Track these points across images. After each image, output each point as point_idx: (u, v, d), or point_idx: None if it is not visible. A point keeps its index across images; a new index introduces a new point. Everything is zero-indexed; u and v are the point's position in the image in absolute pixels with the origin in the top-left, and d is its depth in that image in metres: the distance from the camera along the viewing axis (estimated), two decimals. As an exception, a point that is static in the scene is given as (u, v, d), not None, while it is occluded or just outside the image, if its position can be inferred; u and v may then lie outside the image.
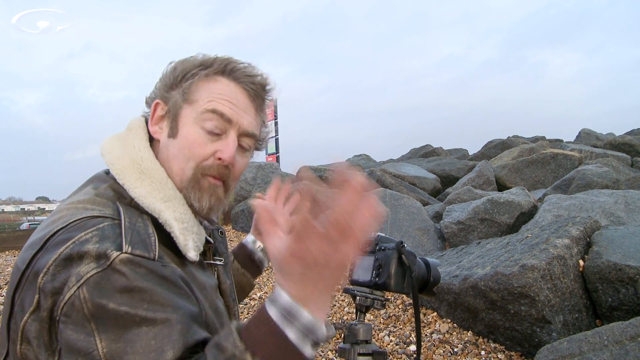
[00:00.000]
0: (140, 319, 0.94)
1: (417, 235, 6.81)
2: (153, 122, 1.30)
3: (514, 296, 3.45)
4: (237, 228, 9.62)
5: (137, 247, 1.01)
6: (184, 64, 1.29)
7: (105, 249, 0.98)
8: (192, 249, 1.19)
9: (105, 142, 1.27)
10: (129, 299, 0.95)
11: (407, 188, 9.97)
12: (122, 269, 0.97)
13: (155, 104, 1.30)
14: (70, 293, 0.94)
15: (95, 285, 0.94)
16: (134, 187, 1.17)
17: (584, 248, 3.86)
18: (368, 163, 16.85)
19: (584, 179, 7.89)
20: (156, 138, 1.30)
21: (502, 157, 13.26)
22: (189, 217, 1.21)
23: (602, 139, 16.08)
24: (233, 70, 1.28)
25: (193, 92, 1.25)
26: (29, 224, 40.52)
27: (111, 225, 1.04)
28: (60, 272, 0.97)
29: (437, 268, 1.56)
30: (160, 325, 0.95)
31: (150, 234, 1.08)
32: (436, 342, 3.85)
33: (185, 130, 1.24)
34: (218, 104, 1.24)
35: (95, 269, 0.96)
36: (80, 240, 0.99)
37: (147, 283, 0.98)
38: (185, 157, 1.23)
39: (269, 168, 13.11)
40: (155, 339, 0.94)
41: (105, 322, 0.93)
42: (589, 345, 2.77)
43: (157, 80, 1.33)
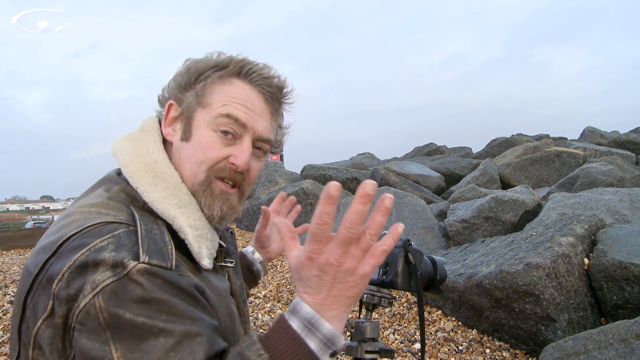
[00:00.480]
0: (158, 330, 0.93)
1: (422, 234, 6.81)
2: (166, 123, 1.27)
3: (519, 294, 3.45)
4: (241, 227, 9.63)
5: (154, 257, 0.99)
6: (198, 64, 1.26)
7: (122, 257, 0.96)
8: (205, 256, 1.17)
9: (118, 142, 1.24)
10: (146, 309, 0.94)
11: (411, 186, 9.98)
12: (139, 279, 0.95)
13: (169, 105, 1.27)
14: (85, 301, 0.93)
15: (112, 294, 0.93)
16: (148, 192, 1.14)
17: (589, 246, 3.85)
18: (372, 161, 16.85)
19: (589, 177, 7.87)
20: (169, 140, 1.27)
21: (506, 155, 13.24)
22: (203, 224, 1.19)
23: (607, 137, 16.03)
24: (249, 73, 1.25)
25: (207, 95, 1.22)
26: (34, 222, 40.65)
27: (127, 232, 1.02)
28: (75, 279, 0.95)
29: (443, 266, 1.56)
30: (178, 337, 0.94)
31: (167, 242, 1.06)
32: (441, 340, 3.85)
33: (199, 134, 1.21)
34: (233, 109, 1.21)
35: (112, 277, 0.94)
36: (96, 248, 0.97)
37: (164, 294, 0.96)
38: (197, 161, 1.21)
39: (273, 166, 13.13)
40: (174, 351, 0.93)
41: (121, 332, 0.92)
42: (595, 343, 2.77)
43: (171, 79, 1.30)
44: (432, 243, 6.63)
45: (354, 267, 0.91)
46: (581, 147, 12.55)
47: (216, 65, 1.25)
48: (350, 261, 0.91)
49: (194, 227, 1.16)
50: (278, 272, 6.15)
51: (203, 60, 1.27)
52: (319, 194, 8.82)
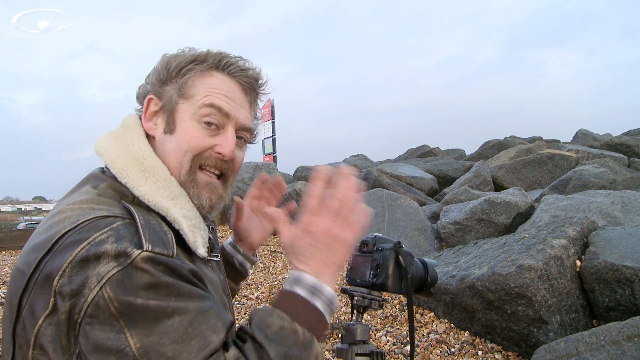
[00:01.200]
0: (172, 310, 0.96)
1: (414, 236, 6.81)
2: (147, 117, 1.29)
3: (511, 296, 3.45)
4: (230, 224, 9.63)
5: (157, 245, 1.01)
6: (178, 58, 1.28)
7: (125, 248, 0.97)
8: (201, 245, 1.20)
9: (102, 140, 1.25)
10: (155, 294, 0.96)
11: (404, 188, 9.98)
12: (144, 267, 0.97)
13: (148, 99, 1.29)
14: (93, 294, 0.93)
15: (119, 283, 0.94)
16: (139, 186, 1.16)
17: (581, 248, 3.86)
18: (365, 163, 16.87)
19: (581, 179, 7.90)
20: (151, 135, 1.29)
21: (499, 157, 13.28)
22: (195, 214, 1.22)
23: (599, 140, 16.12)
24: (227, 65, 1.29)
25: (189, 87, 1.25)
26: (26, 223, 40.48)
27: (124, 224, 1.04)
28: (77, 274, 0.96)
29: (434, 268, 1.56)
30: (193, 313, 0.98)
31: (166, 231, 1.08)
32: (433, 342, 3.85)
33: (184, 126, 1.24)
34: (215, 99, 1.25)
35: (116, 267, 0.95)
36: (96, 241, 0.98)
37: (170, 278, 0.99)
38: (182, 151, 1.24)
39: (266, 168, 13.11)
40: (192, 327, 0.97)
41: (135, 318, 0.93)
42: (586, 345, 2.77)
43: (148, 75, 1.32)
44: (425, 245, 6.63)
45: (339, 235, 1.11)
46: (574, 150, 12.61)
47: (195, 59, 1.27)
48: (336, 229, 1.11)
49: (188, 218, 1.18)
50: (270, 274, 6.14)
51: (181, 54, 1.30)
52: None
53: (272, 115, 18.74)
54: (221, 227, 10.16)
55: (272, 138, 18.67)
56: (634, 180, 9.09)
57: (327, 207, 1.12)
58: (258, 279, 5.92)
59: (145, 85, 1.32)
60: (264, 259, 6.81)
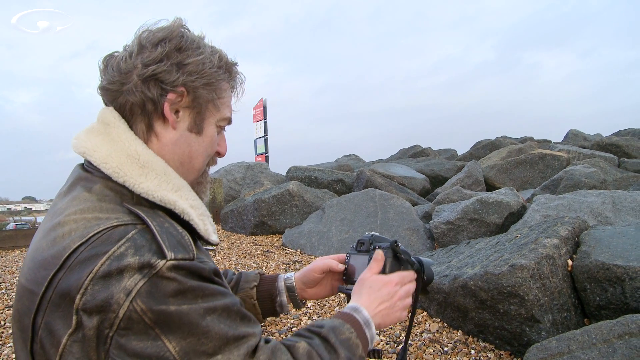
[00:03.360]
0: (203, 310, 0.99)
1: (407, 235, 6.83)
2: (171, 107, 1.19)
3: (504, 295, 3.47)
4: (226, 228, 9.59)
5: (178, 252, 1.01)
6: (212, 57, 1.23)
7: (148, 259, 0.97)
8: (212, 232, 1.22)
9: (83, 140, 1.18)
10: (184, 299, 0.97)
11: (396, 188, 10.00)
12: (170, 275, 0.97)
13: (180, 90, 1.18)
14: (124, 309, 0.93)
15: (148, 294, 0.94)
16: (140, 183, 1.12)
17: (573, 248, 3.89)
18: (357, 163, 16.88)
19: (572, 179, 7.95)
20: (173, 126, 1.21)
21: (490, 157, 13.34)
22: (200, 203, 1.23)
23: (590, 140, 16.22)
24: (233, 77, 1.32)
25: (220, 94, 1.26)
26: (16, 224, 40.17)
27: (139, 232, 1.02)
28: (100, 290, 0.94)
29: (430, 267, 1.57)
30: (220, 311, 1.02)
31: (181, 232, 1.08)
32: (426, 342, 3.86)
33: (210, 131, 1.26)
34: (230, 111, 1.31)
35: (142, 279, 0.95)
36: (116, 255, 0.97)
37: (194, 282, 1.00)
38: (207, 155, 1.28)
39: (258, 168, 13.10)
40: (222, 322, 1.01)
41: (170, 324, 0.95)
42: (578, 343, 2.80)
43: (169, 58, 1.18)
44: (417, 245, 6.65)
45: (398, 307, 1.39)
46: (565, 150, 12.69)
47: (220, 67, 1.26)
48: (400, 302, 1.40)
49: (195, 207, 1.19)
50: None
51: (209, 54, 1.23)
52: (304, 195, 8.81)
53: (264, 116, 18.74)
54: (213, 227, 10.14)
55: (265, 138, 18.66)
56: (624, 180, 9.16)
57: (403, 283, 1.43)
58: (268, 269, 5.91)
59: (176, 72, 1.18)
60: (256, 259, 6.80)
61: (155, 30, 1.21)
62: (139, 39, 1.20)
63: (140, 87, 1.16)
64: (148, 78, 1.16)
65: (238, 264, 6.57)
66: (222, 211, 9.91)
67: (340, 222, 7.50)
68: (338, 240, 7.10)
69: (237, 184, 12.23)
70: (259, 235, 8.72)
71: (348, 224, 7.41)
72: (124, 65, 1.17)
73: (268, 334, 4.14)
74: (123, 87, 1.17)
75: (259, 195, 9.06)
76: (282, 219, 8.62)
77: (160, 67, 1.16)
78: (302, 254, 7.08)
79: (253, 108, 19.36)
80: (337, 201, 8.09)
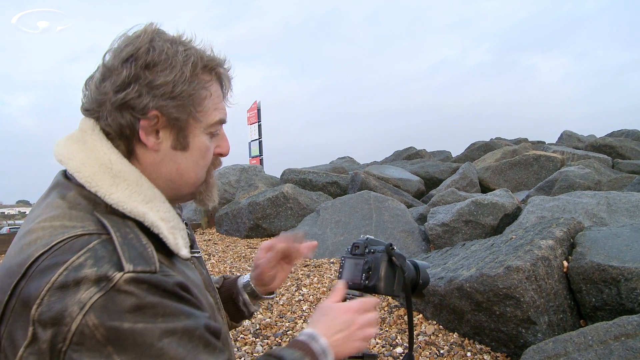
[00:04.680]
0: (160, 332, 0.93)
1: (402, 238, 6.83)
2: (147, 132, 1.15)
3: (500, 297, 3.46)
4: (221, 231, 9.57)
5: (138, 264, 0.97)
6: (184, 69, 1.15)
7: (105, 271, 0.93)
8: (183, 246, 1.15)
9: (61, 147, 1.16)
10: (142, 316, 0.93)
11: (391, 190, 10.01)
12: (128, 289, 0.93)
13: (153, 114, 1.13)
14: (76, 323, 0.89)
15: (102, 309, 0.91)
16: (110, 193, 1.09)
17: (568, 249, 3.89)
18: (352, 165, 16.89)
19: (567, 180, 7.98)
20: (153, 149, 1.17)
21: (485, 159, 13.37)
22: (172, 215, 1.17)
23: (584, 141, 16.29)
24: (213, 68, 1.23)
25: (198, 109, 1.18)
26: (9, 227, 39.99)
27: (101, 243, 0.99)
28: (56, 302, 0.91)
29: (426, 270, 1.56)
30: (180, 334, 0.96)
31: (145, 244, 1.04)
32: (422, 344, 3.85)
33: (197, 141, 1.20)
34: (221, 113, 1.24)
35: (97, 293, 0.91)
36: (74, 265, 0.94)
37: (155, 298, 0.95)
38: (201, 167, 1.23)
39: (253, 170, 13.09)
40: (181, 347, 0.95)
41: (123, 343, 0.91)
42: (574, 345, 2.79)
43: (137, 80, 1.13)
44: (413, 247, 6.65)
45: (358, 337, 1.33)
46: (559, 151, 12.74)
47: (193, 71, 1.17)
48: (360, 332, 1.33)
49: (166, 220, 1.13)
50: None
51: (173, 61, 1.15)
52: (299, 197, 8.80)
53: (258, 118, 18.73)
54: (208, 230, 10.12)
55: (259, 141, 18.66)
56: (619, 180, 9.19)
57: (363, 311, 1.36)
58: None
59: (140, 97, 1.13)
60: (251, 262, 6.78)
61: (123, 46, 1.15)
62: (103, 62, 1.16)
63: (114, 114, 1.13)
64: (119, 106, 1.13)
65: (233, 267, 6.55)
66: (216, 214, 9.89)
67: (335, 225, 7.49)
68: (333, 242, 7.09)
69: (232, 186, 12.21)
70: (254, 238, 8.70)
71: (343, 227, 7.40)
72: (96, 92, 1.15)
73: (263, 337, 4.12)
74: (99, 113, 1.15)
75: (253, 198, 9.05)
76: (276, 221, 8.61)
77: (129, 93, 1.11)
78: (297, 256, 7.06)
79: (247, 111, 19.34)
80: (331, 204, 8.08)
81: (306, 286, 5.47)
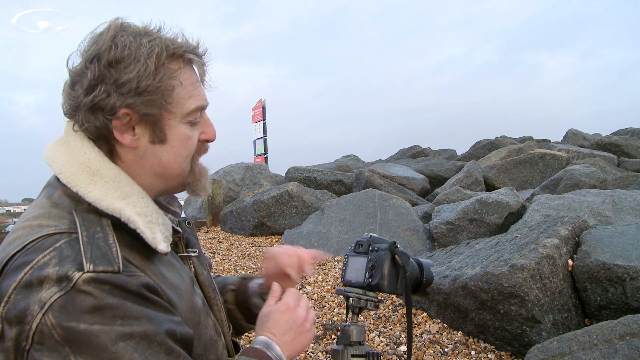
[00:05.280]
0: (116, 335, 0.93)
1: (406, 236, 6.82)
2: (121, 131, 1.15)
3: (504, 296, 3.46)
4: (226, 229, 9.58)
5: (99, 263, 0.97)
6: (148, 62, 1.12)
7: (66, 270, 0.94)
8: (161, 241, 1.14)
9: (49, 150, 1.18)
10: (100, 317, 0.93)
11: (395, 189, 10.00)
12: (87, 289, 0.93)
13: (123, 113, 1.13)
14: (36, 322, 0.90)
15: (61, 309, 0.91)
16: (88, 192, 1.10)
17: (573, 248, 3.88)
18: (356, 164, 16.88)
19: (572, 178, 7.95)
20: (131, 146, 1.17)
21: (490, 157, 13.34)
22: (151, 210, 1.16)
23: (589, 139, 16.23)
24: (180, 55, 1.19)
25: (168, 95, 1.15)
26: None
27: (68, 242, 1.00)
28: (21, 300, 0.93)
29: (429, 269, 1.55)
30: (138, 339, 0.95)
31: (111, 244, 1.03)
32: (426, 343, 3.85)
33: (176, 133, 1.18)
34: (197, 100, 1.20)
35: (58, 292, 0.92)
36: (39, 264, 0.95)
37: (116, 299, 0.95)
38: (183, 157, 1.20)
39: (257, 169, 13.09)
40: (137, 352, 0.94)
41: (80, 345, 0.91)
42: (579, 344, 2.78)
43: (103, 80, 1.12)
44: (417, 245, 6.64)
45: (308, 330, 1.36)
46: (564, 149, 12.70)
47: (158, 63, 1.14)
48: (308, 315, 1.38)
49: (142, 215, 1.13)
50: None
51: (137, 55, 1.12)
52: (303, 196, 8.80)
53: (263, 117, 18.73)
54: (213, 228, 10.13)
55: (264, 139, 18.65)
56: (624, 179, 9.16)
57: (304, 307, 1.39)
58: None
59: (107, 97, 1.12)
60: (256, 260, 6.79)
61: (88, 46, 1.14)
62: (70, 65, 1.16)
63: (88, 117, 1.13)
64: (90, 109, 1.12)
65: (237, 265, 6.56)
66: (221, 212, 9.90)
67: (340, 223, 7.49)
68: (337, 241, 7.09)
69: (236, 184, 12.21)
70: (259, 236, 8.71)
71: (347, 225, 7.40)
72: (70, 97, 1.15)
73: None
74: (76, 117, 1.15)
75: (258, 196, 9.05)
76: (281, 219, 8.61)
77: (97, 95, 1.10)
78: (301, 255, 7.06)
79: (252, 109, 19.34)
80: (336, 202, 8.08)
81: (310, 284, 5.48)
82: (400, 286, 1.44)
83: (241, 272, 6.28)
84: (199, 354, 1.19)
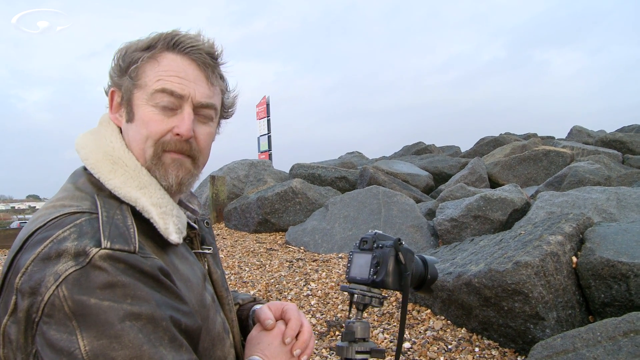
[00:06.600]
0: (124, 314, 0.94)
1: (411, 233, 6.82)
2: (113, 110, 1.30)
3: (508, 293, 3.46)
4: (230, 226, 9.60)
5: (116, 242, 1.00)
6: (131, 47, 1.26)
7: (84, 246, 0.97)
8: (173, 232, 1.17)
9: (80, 138, 1.27)
10: (111, 294, 0.94)
11: (400, 185, 10.00)
12: (102, 265, 0.96)
13: (111, 92, 1.30)
14: (49, 293, 0.92)
15: (75, 282, 0.93)
16: (109, 179, 1.15)
17: (577, 245, 3.87)
18: (361, 160, 16.86)
19: (576, 175, 7.93)
20: (118, 125, 1.29)
21: (494, 154, 13.31)
22: (167, 201, 1.20)
23: (594, 136, 16.16)
24: (177, 44, 1.25)
25: (140, 75, 1.23)
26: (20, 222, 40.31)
27: (89, 220, 1.03)
28: (37, 271, 0.95)
29: (434, 265, 1.56)
30: (144, 321, 0.96)
31: (129, 225, 1.07)
32: (430, 339, 3.86)
33: (140, 112, 1.22)
34: (166, 82, 1.22)
35: (74, 266, 0.94)
36: (59, 239, 0.98)
37: (128, 278, 0.97)
38: (143, 137, 1.22)
39: (262, 165, 13.10)
40: (142, 333, 0.95)
41: (87, 319, 0.92)
42: (583, 341, 2.79)
43: (110, 69, 1.30)
44: (421, 242, 6.64)
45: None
46: (569, 146, 12.66)
47: (147, 46, 1.25)
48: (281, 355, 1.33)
49: (157, 205, 1.16)
50: (267, 272, 6.14)
51: (135, 43, 1.27)
52: (307, 192, 8.81)
53: (267, 113, 18.73)
54: (217, 224, 10.15)
55: (268, 135, 18.65)
56: (629, 176, 9.14)
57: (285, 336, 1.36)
58: (254, 276, 5.92)
59: (109, 79, 1.31)
60: (260, 257, 6.80)
61: None
62: None
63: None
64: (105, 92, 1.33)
65: (241, 262, 6.57)
66: (225, 209, 9.91)
67: (344, 220, 7.49)
68: (341, 237, 7.10)
69: (241, 181, 12.22)
70: (263, 233, 8.72)
71: (352, 222, 7.40)
72: None
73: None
74: None
75: (262, 192, 9.06)
76: (285, 216, 8.62)
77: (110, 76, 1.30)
78: (305, 251, 7.07)
79: (256, 105, 19.34)
80: (340, 198, 8.08)
81: (314, 281, 5.49)
82: (405, 283, 1.44)
83: (245, 269, 6.29)
84: (205, 347, 1.20)
